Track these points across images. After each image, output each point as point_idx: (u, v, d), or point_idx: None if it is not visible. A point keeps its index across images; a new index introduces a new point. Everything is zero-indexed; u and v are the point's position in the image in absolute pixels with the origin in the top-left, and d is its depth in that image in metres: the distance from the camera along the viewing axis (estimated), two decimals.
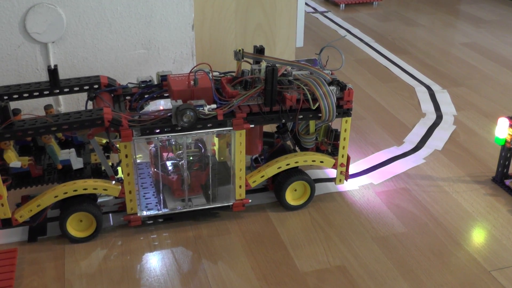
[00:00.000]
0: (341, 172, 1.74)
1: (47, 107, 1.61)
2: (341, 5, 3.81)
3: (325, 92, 1.56)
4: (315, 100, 1.58)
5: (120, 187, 1.56)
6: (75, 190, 1.52)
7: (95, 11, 1.92)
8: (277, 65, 1.59)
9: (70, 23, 1.91)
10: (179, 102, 1.49)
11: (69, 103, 2.02)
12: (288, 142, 1.82)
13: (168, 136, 1.52)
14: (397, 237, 1.62)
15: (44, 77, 1.93)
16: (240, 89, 1.60)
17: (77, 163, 1.59)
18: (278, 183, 1.69)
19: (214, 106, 1.53)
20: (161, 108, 1.64)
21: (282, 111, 1.58)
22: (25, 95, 1.64)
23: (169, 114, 1.51)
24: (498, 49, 3.06)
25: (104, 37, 1.97)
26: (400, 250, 1.57)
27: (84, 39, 1.95)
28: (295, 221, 1.68)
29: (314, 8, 3.80)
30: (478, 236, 1.64)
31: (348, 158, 1.73)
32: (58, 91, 1.67)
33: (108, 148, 1.67)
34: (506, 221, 1.69)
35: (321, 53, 1.72)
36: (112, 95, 1.68)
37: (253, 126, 1.57)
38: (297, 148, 1.82)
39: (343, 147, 1.70)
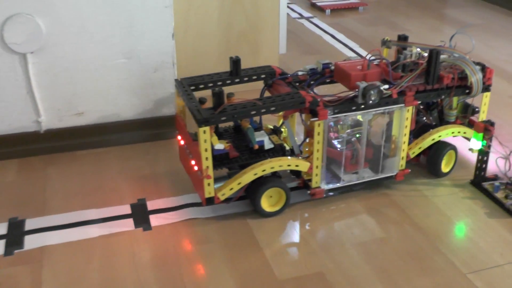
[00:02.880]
0: None
1: (230, 95, 1.71)
2: (327, 11, 3.82)
3: (473, 70, 1.79)
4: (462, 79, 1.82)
5: (309, 163, 1.69)
6: (272, 168, 1.66)
7: (75, 21, 1.93)
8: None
9: (50, 33, 1.91)
10: (364, 83, 1.65)
11: (50, 114, 2.02)
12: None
13: (351, 114, 1.70)
14: (376, 242, 1.63)
15: (23, 87, 1.94)
16: (401, 72, 1.78)
17: (268, 143, 1.72)
18: (432, 154, 1.90)
19: (387, 86, 1.70)
20: None
21: (441, 89, 1.80)
22: (210, 84, 1.79)
23: (351, 95, 1.68)
24: (481, 53, 3.07)
25: (85, 47, 1.98)
26: (379, 255, 1.58)
27: (65, 49, 1.95)
28: (274, 229, 1.69)
29: (300, 14, 3.81)
30: (456, 239, 1.66)
31: None
32: (238, 80, 1.82)
33: (276, 131, 1.83)
34: (483, 224, 1.71)
35: (452, 39, 1.89)
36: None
37: (420, 102, 1.79)
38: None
39: (482, 119, 1.92)
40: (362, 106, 1.68)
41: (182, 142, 1.79)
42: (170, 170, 1.96)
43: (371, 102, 1.66)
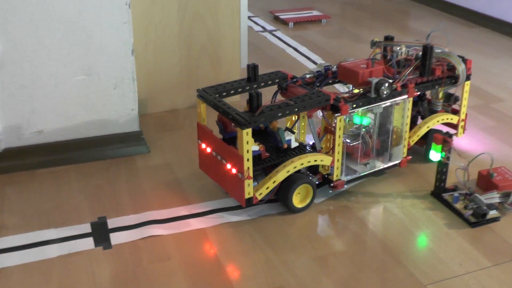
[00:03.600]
0: (461, 126, 2.16)
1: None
2: (290, 23, 3.84)
3: (458, 61, 2.01)
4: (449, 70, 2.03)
5: (331, 157, 1.81)
6: (302, 164, 1.76)
7: (32, 38, 1.91)
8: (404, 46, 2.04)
9: (6, 51, 1.89)
10: (375, 78, 1.79)
11: (9, 132, 2.00)
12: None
13: (368, 107, 1.84)
14: (337, 255, 1.63)
15: None
16: (397, 68, 1.96)
17: (294, 142, 1.84)
18: (430, 141, 2.04)
19: (390, 80, 1.85)
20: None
21: (435, 80, 2.00)
22: (232, 92, 1.86)
23: (362, 92, 1.83)
24: None
25: (43, 64, 1.96)
26: (339, 268, 1.58)
27: (22, 66, 1.93)
28: (235, 244, 1.68)
29: (263, 27, 3.82)
30: (416, 251, 1.67)
31: (466, 115, 2.15)
32: (256, 85, 1.90)
33: (290, 130, 1.91)
34: (443, 234, 1.72)
35: (428, 37, 2.05)
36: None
37: (419, 93, 2.00)
38: None
39: (464, 106, 2.12)
40: (375, 100, 1.84)
41: (208, 150, 1.83)
42: (131, 187, 1.94)
43: (384, 95, 1.81)
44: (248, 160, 1.66)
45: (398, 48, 2.02)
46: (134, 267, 1.58)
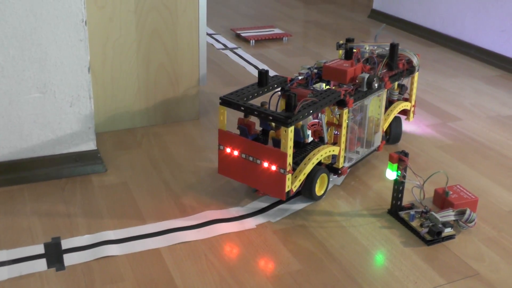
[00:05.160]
0: (412, 111, 2.48)
1: (264, 104, 1.96)
2: (251, 41, 3.85)
3: (413, 55, 2.35)
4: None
5: (338, 147, 1.99)
6: (321, 155, 1.93)
7: None
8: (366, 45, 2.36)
9: None
10: (365, 74, 2.02)
11: None
12: None
13: (363, 101, 2.06)
14: (292, 275, 1.63)
15: None
16: (368, 64, 2.22)
17: (310, 137, 2.05)
18: (395, 127, 2.37)
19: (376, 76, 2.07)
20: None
21: (400, 72, 2.30)
22: (250, 96, 1.97)
23: (353, 87, 2.02)
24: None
25: None
26: None
27: None
28: (190, 264, 1.66)
29: (224, 45, 3.82)
30: (371, 269, 1.67)
31: (415, 101, 2.50)
32: (266, 89, 2.04)
33: None
34: (399, 253, 1.73)
35: (376, 37, 2.44)
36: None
37: (392, 85, 2.22)
38: None
39: (414, 94, 2.46)
40: (366, 93, 2.05)
41: (235, 153, 1.92)
42: (87, 207, 1.91)
43: (376, 88, 2.04)
44: (290, 155, 1.79)
45: (365, 49, 2.31)
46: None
